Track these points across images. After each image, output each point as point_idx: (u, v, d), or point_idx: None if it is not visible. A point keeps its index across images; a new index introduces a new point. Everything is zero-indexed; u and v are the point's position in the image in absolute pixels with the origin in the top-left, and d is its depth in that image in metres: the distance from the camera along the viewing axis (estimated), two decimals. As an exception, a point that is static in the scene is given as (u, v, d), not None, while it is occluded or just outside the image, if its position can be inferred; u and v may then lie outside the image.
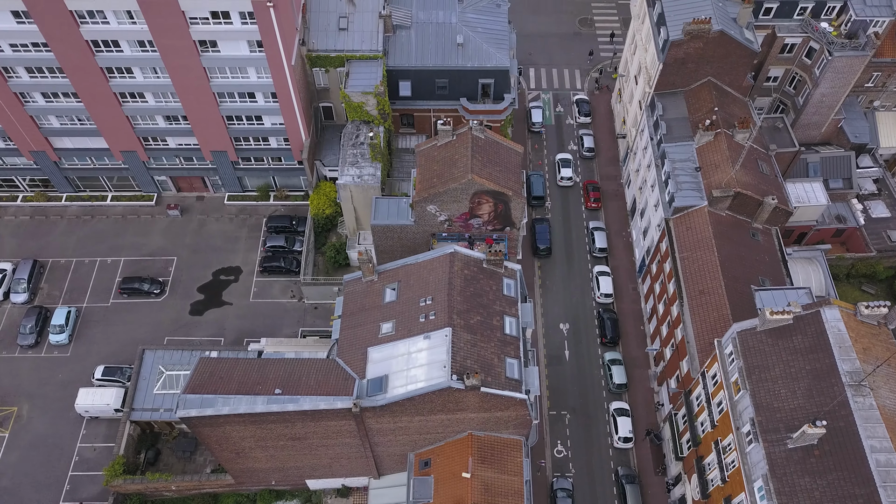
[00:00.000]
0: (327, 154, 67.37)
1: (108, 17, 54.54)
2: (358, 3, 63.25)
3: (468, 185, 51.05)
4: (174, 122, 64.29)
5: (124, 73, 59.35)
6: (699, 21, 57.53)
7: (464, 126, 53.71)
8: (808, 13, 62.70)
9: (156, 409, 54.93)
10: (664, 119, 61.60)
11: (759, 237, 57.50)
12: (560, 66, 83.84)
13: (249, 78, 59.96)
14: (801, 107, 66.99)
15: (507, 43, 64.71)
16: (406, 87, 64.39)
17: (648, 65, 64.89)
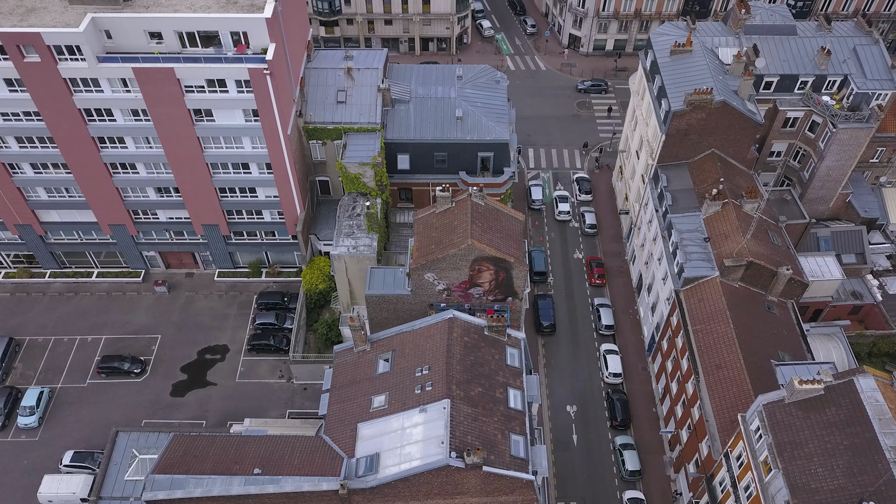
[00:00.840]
0: (322, 228, 65.32)
1: (102, 85, 53.81)
2: (357, 77, 63.04)
3: (468, 250, 48.53)
4: (165, 195, 62.60)
5: (116, 143, 58.18)
6: (701, 91, 56.95)
7: (463, 193, 51.83)
8: (809, 87, 62.40)
9: (126, 497, 49.95)
10: (669, 190, 59.98)
11: (774, 310, 54.48)
12: (559, 146, 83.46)
13: (244, 148, 58.76)
14: (808, 181, 65.64)
15: (507, 117, 64.03)
16: (404, 160, 63.14)
17: (650, 138, 64.01)
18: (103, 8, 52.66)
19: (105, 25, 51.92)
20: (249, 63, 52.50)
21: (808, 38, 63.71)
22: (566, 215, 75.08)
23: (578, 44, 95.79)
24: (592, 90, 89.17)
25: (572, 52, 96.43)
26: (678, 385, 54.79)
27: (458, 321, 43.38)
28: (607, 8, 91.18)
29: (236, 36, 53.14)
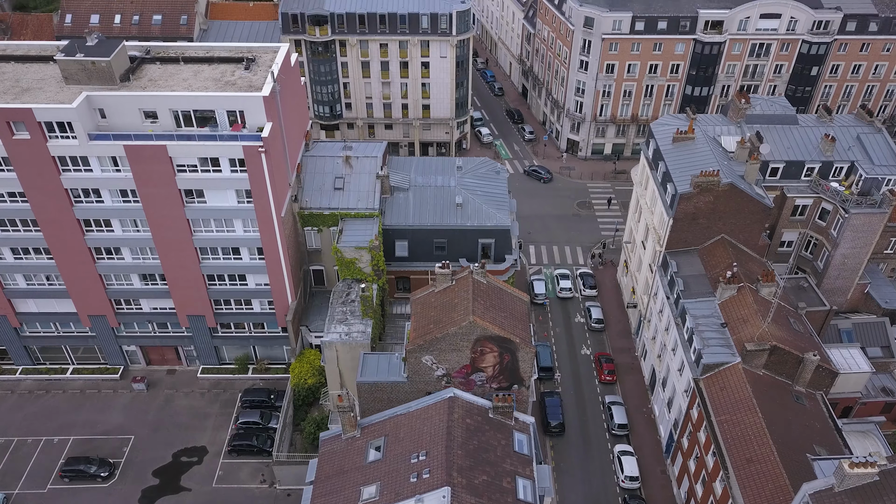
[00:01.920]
0: (315, 320, 61.76)
1: (92, 164, 52.25)
2: (355, 165, 61.95)
3: (469, 328, 44.84)
4: (150, 282, 59.54)
5: (102, 226, 55.93)
6: (708, 173, 55.52)
7: (464, 271, 48.90)
8: (816, 174, 61.16)
9: None
10: (679, 276, 57.08)
11: (804, 401, 49.97)
12: (561, 243, 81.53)
13: (235, 231, 56.43)
14: (823, 270, 62.94)
15: (508, 206, 62.36)
16: (402, 247, 60.77)
17: (657, 225, 61.97)
18: (99, 87, 52.21)
19: (99, 104, 51.12)
20: (244, 141, 51.24)
21: (810, 128, 63.32)
22: (568, 292, 73.36)
23: (576, 148, 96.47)
24: (534, 175, 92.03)
25: (570, 156, 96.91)
26: (704, 486, 49.19)
27: (459, 401, 39.05)
28: (604, 113, 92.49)
29: (233, 116, 52.27)
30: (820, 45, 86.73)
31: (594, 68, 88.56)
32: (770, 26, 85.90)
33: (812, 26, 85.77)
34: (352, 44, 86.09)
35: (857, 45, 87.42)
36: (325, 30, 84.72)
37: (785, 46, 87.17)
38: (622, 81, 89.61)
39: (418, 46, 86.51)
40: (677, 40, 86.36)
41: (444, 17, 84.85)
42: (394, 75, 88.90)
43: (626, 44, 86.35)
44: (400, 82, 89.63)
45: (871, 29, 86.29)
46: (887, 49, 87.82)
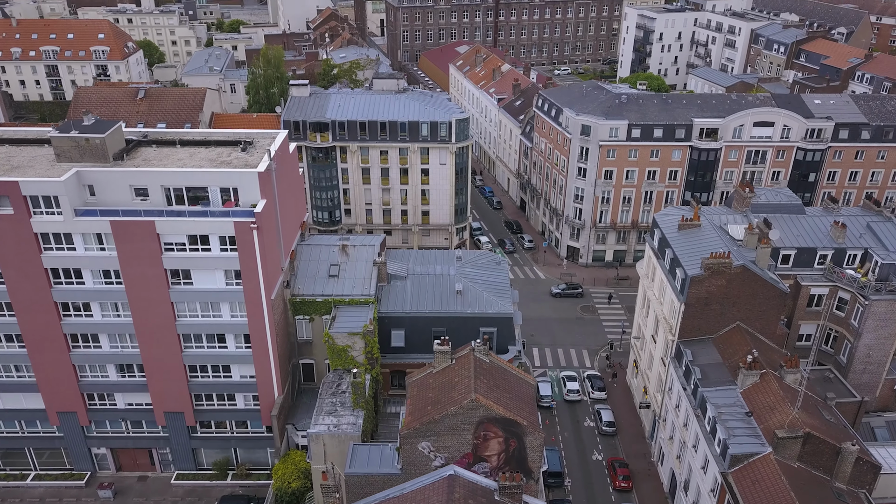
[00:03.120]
0: (302, 418, 56.90)
1: (76, 242, 50.06)
2: (352, 253, 59.83)
3: (471, 408, 40.61)
4: (127, 374, 55.47)
5: (81, 310, 52.78)
6: (718, 255, 53.26)
7: (464, 349, 45.29)
8: (830, 261, 58.92)
9: None
10: (696, 364, 53.20)
11: (846, 500, 44.54)
12: (566, 346, 77.80)
13: (222, 316, 53.24)
14: (847, 365, 59.00)
15: (510, 296, 59.56)
16: (399, 336, 57.21)
17: (667, 314, 58.82)
18: (91, 164, 51.08)
19: (89, 180, 49.81)
20: (236, 216, 49.41)
21: (818, 217, 61.93)
22: (575, 395, 69.00)
23: (577, 255, 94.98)
24: (566, 294, 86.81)
25: (571, 263, 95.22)
26: None
27: (460, 480, 34.32)
28: (604, 219, 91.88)
29: (226, 194, 50.82)
30: (815, 153, 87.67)
31: (592, 175, 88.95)
32: (764, 134, 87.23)
33: (805, 134, 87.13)
34: (352, 150, 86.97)
35: (851, 153, 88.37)
36: (325, 136, 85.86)
37: (781, 153, 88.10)
38: (621, 187, 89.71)
39: (418, 153, 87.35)
40: (674, 147, 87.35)
41: (444, 125, 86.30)
42: (394, 181, 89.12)
43: (623, 150, 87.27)
44: (400, 189, 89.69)
45: (864, 137, 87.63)
46: (882, 156, 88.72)
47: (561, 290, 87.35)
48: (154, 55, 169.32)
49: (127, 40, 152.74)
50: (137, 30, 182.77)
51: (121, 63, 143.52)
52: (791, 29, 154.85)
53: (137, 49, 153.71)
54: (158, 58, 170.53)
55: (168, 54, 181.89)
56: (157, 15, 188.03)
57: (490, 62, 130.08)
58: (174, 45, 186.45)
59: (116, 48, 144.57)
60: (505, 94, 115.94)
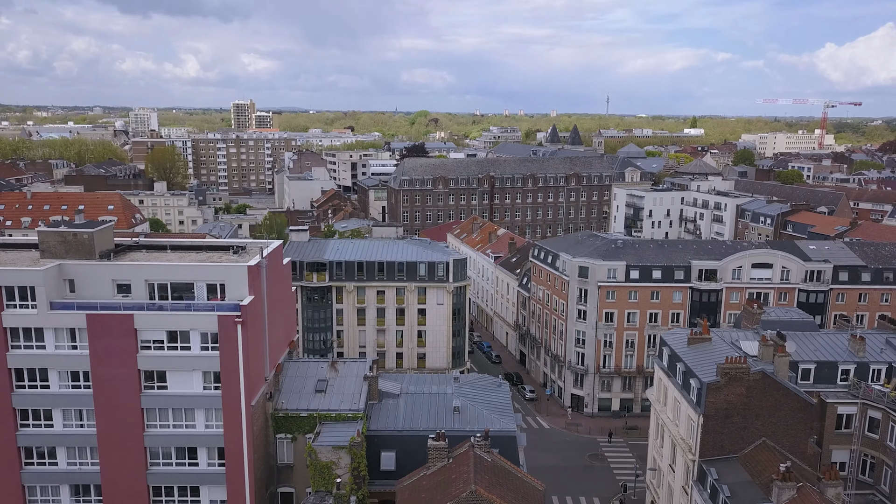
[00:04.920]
0: (277, 556, 49.66)
1: (46, 339, 46.85)
2: (341, 369, 56.18)
3: (471, 502, 35.11)
4: (83, 497, 49.11)
5: (41, 418, 48.08)
6: (734, 360, 49.79)
7: (463, 445, 40.42)
8: (853, 376, 55.10)
9: None
10: (723, 483, 47.39)
11: None
12: (575, 494, 70.53)
13: (196, 427, 48.40)
14: (890, 495, 52.78)
15: (512, 416, 54.90)
16: (389, 459, 51.60)
17: (684, 434, 53.71)
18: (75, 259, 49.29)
19: (70, 274, 47.72)
20: (221, 311, 46.69)
21: (833, 334, 59.06)
22: None
23: (582, 404, 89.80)
24: None
25: (576, 413, 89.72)
26: None
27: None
28: (608, 364, 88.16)
29: (213, 292, 48.49)
30: (818, 294, 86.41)
31: (593, 317, 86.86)
32: (764, 275, 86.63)
33: (805, 276, 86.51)
34: (349, 290, 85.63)
35: (854, 296, 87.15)
36: (322, 276, 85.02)
37: (783, 295, 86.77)
38: (623, 331, 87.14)
39: (415, 293, 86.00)
40: (674, 288, 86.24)
41: (441, 265, 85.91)
42: (389, 322, 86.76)
43: (622, 291, 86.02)
44: (395, 329, 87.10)
45: (864, 279, 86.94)
46: (886, 299, 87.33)
47: None
48: (161, 229, 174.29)
49: (135, 212, 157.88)
50: (147, 209, 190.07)
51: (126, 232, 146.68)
52: (775, 204, 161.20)
53: (144, 220, 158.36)
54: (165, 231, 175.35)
55: (174, 230, 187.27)
56: (167, 197, 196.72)
57: (486, 228, 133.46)
58: (181, 224, 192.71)
59: (124, 219, 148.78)
60: (501, 253, 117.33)
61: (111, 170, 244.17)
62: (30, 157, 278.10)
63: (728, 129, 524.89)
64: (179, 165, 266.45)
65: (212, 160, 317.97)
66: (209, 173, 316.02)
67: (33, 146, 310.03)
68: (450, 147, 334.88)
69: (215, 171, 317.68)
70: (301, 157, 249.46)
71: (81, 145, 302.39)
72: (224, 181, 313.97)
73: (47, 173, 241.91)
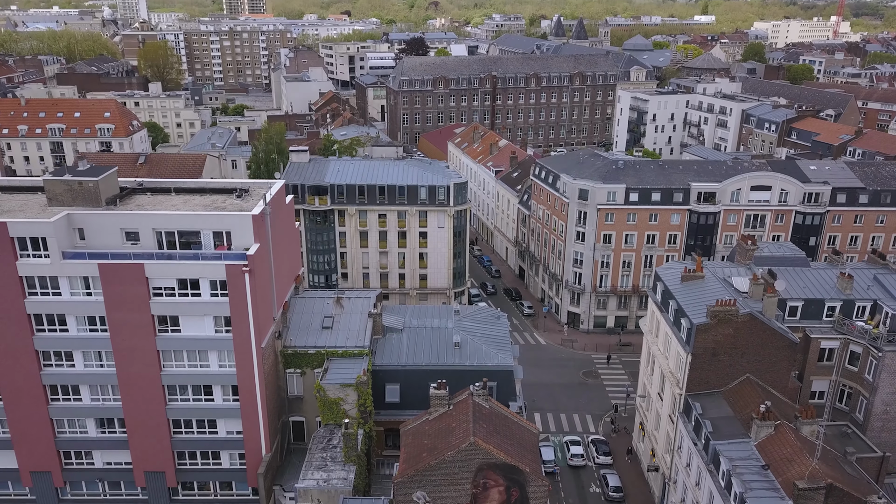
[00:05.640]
0: (290, 479, 53.46)
1: (62, 286, 48.55)
2: (346, 305, 58.22)
3: (469, 453, 38.09)
4: (108, 430, 52.63)
5: (62, 359, 50.64)
6: (724, 303, 51.73)
7: (462, 393, 43.06)
8: (839, 313, 57.27)
9: None
10: (706, 418, 50.60)
11: (876, 560, 41.20)
12: (569, 411, 74.83)
13: (209, 367, 51.07)
14: (863, 422, 56.27)
15: (510, 350, 57.51)
16: (394, 391, 54.77)
17: (673, 368, 56.61)
18: (83, 208, 50.24)
19: (79, 223, 48.82)
20: (228, 260, 48.13)
21: (823, 270, 60.76)
22: (580, 459, 65.73)
23: (578, 321, 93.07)
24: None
25: (572, 329, 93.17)
26: None
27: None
28: (604, 284, 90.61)
29: (219, 239, 49.74)
30: (814, 216, 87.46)
31: (591, 239, 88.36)
32: (762, 198, 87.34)
33: (803, 198, 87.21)
34: (350, 213, 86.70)
35: (850, 217, 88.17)
36: (324, 200, 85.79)
37: (780, 217, 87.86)
38: (620, 251, 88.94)
39: (416, 216, 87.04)
40: (672, 211, 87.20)
41: (442, 188, 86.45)
42: (391, 245, 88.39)
43: (621, 214, 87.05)
44: (397, 252, 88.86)
45: (862, 201, 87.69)
46: (881, 221, 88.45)
47: None
48: (158, 135, 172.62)
49: (132, 119, 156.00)
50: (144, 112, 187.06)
51: (125, 140, 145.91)
52: (781, 109, 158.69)
53: (142, 128, 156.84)
54: (163, 138, 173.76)
55: (172, 135, 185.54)
56: (163, 99, 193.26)
57: (487, 138, 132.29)
58: (178, 127, 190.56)
59: (121, 126, 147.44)
60: (502, 167, 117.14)
61: (104, 67, 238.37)
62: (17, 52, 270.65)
63: (741, 14, 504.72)
64: (173, 61, 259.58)
65: (206, 55, 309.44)
66: (203, 68, 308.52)
67: (20, 38, 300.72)
68: (450, 38, 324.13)
69: (210, 66, 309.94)
70: (298, 55, 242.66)
71: (70, 38, 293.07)
72: (219, 76, 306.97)
73: (38, 70, 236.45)
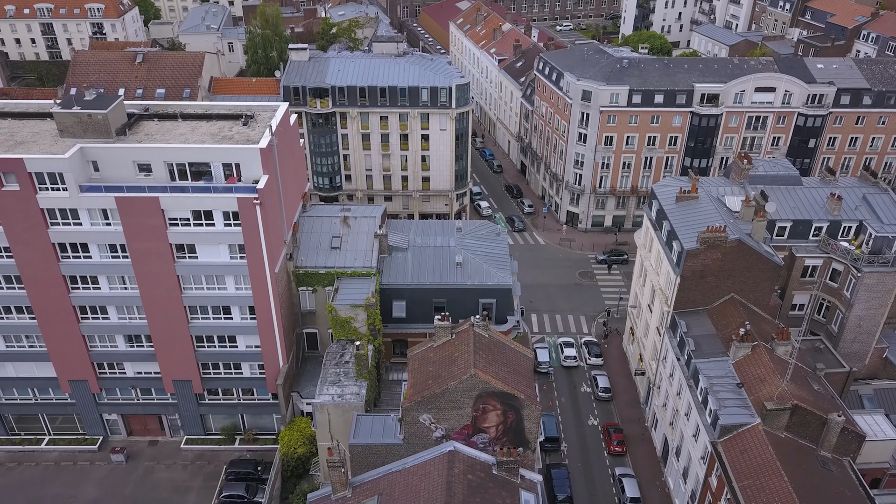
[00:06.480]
0: (306, 386, 58.63)
1: (82, 217, 50.84)
2: (353, 224, 60.60)
3: (470, 383, 42.08)
4: (136, 344, 56.91)
5: (88, 283, 53.90)
6: (714, 229, 54.10)
7: (464, 324, 46.57)
8: (824, 233, 59.75)
9: None
10: (690, 336, 54.56)
11: (831, 467, 46.40)
12: (564, 312, 79.27)
13: (227, 289, 54.38)
14: (838, 334, 60.41)
15: (509, 267, 60.54)
16: (400, 307, 58.46)
17: (663, 285, 59.97)
18: (94, 140, 51.49)
19: (93, 156, 50.28)
20: (239, 193, 50.06)
21: (815, 188, 62.51)
22: (572, 361, 70.77)
23: (576, 220, 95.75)
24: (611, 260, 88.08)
25: (570, 228, 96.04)
26: (729, 562, 44.88)
27: (459, 455, 35.90)
28: (604, 185, 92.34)
29: (228, 170, 51.32)
30: (816, 118, 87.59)
31: (592, 140, 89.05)
32: (765, 99, 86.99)
33: (807, 100, 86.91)
34: (352, 116, 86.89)
35: (852, 118, 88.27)
36: (325, 102, 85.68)
37: (781, 119, 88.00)
38: (621, 153, 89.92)
39: (418, 119, 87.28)
40: (674, 113, 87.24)
41: (444, 90, 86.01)
42: (394, 147, 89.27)
43: (623, 116, 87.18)
44: (400, 154, 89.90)
45: (865, 102, 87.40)
46: (882, 122, 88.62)
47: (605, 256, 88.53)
48: (150, 11, 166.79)
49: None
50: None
51: (116, 21, 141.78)
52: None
53: (133, 6, 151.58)
54: (154, 14, 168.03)
55: (164, 10, 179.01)
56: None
57: (491, 21, 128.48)
58: (170, 1, 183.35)
59: (111, 5, 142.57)
60: (506, 55, 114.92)
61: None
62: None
63: None
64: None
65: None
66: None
67: None
68: None
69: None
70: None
71: None
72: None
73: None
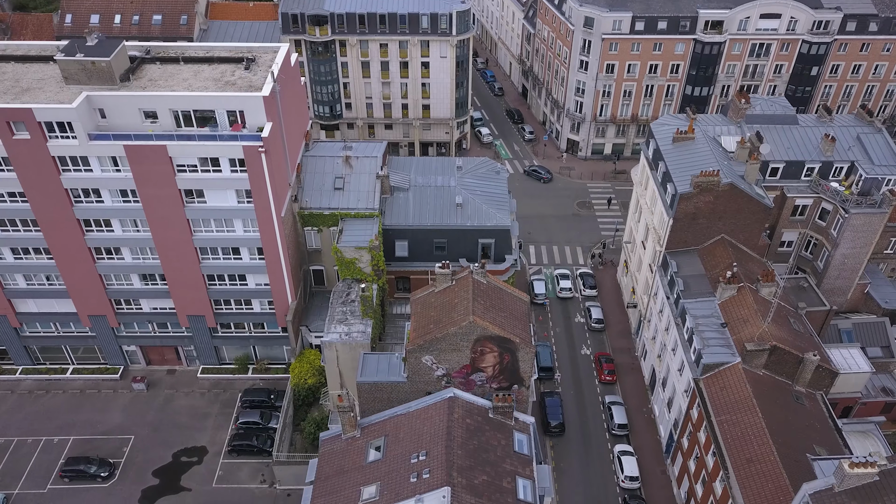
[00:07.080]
0: (315, 320, 61.76)
1: (92, 164, 52.24)
2: (355, 165, 61.93)
3: (469, 328, 44.85)
4: (151, 283, 59.56)
5: (102, 226, 55.94)
6: (707, 173, 55.53)
7: (464, 271, 48.91)
8: (816, 174, 61.15)
9: None
10: (679, 276, 57.08)
11: (804, 401, 50.00)
12: (561, 243, 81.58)
13: (235, 232, 56.44)
14: (823, 270, 62.94)
15: (508, 206, 62.34)
16: (402, 247, 60.78)
17: (657, 225, 61.97)
18: (99, 87, 52.19)
19: (99, 104, 51.11)
20: (244, 141, 51.25)
21: (810, 128, 63.34)
22: (568, 292, 73.67)
23: (576, 148, 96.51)
24: (533, 174, 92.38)
25: (570, 156, 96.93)
26: (704, 486, 49.22)
27: (459, 401, 39.07)
28: (604, 113, 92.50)
29: (233, 116, 52.26)
30: (820, 45, 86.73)
31: (594, 68, 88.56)
32: (770, 26, 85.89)
33: (812, 26, 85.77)
34: (352, 44, 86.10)
35: (856, 45, 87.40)
36: (325, 30, 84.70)
37: (785, 46, 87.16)
38: (622, 81, 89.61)
39: (418, 46, 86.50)
40: (677, 40, 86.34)
41: (444, 17, 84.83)
42: (394, 75, 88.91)
43: (625, 44, 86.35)
44: (400, 82, 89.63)
45: (871, 29, 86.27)
46: (887, 49, 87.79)
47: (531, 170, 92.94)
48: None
49: None
50: None
51: None
52: None
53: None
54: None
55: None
56: None
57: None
58: None
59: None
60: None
61: None
62: None
63: None
64: None
65: None
66: None
67: None
68: None
69: None
70: None
71: None
72: None
73: None
